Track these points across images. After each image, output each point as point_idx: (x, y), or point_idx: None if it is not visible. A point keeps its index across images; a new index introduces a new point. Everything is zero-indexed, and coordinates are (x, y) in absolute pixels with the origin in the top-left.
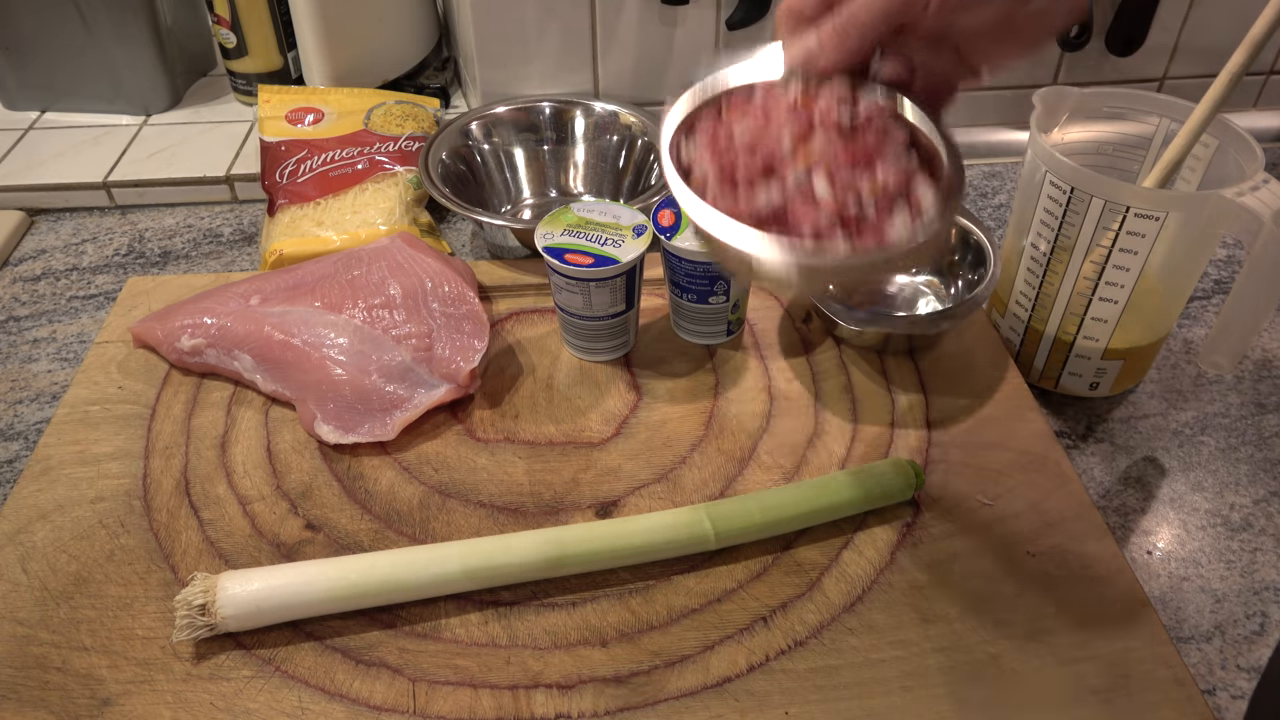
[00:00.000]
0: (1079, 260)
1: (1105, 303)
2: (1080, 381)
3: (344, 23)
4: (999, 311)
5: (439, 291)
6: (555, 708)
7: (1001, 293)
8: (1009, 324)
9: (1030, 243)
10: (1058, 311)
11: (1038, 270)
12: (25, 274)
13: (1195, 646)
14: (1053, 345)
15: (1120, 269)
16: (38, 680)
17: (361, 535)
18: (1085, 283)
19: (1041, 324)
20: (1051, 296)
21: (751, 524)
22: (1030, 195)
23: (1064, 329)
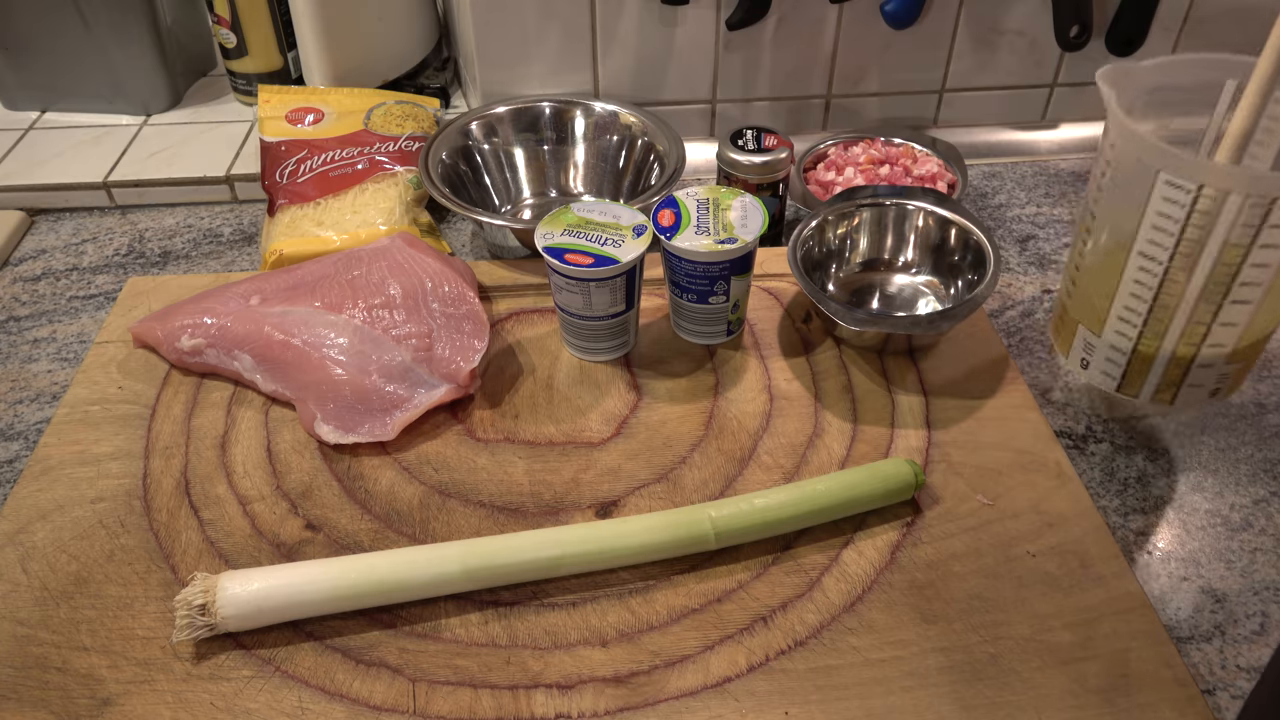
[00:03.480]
0: (1208, 264)
1: (1239, 305)
2: (1200, 392)
3: (344, 23)
4: (1093, 330)
5: (439, 291)
6: (555, 708)
7: (1083, 313)
8: (1106, 347)
9: (1140, 252)
10: (1178, 324)
11: (1151, 282)
12: (25, 274)
13: (1195, 646)
14: (1170, 361)
15: (1260, 267)
16: (38, 680)
17: (361, 535)
18: (1216, 288)
19: (1156, 339)
20: (1170, 309)
21: (751, 524)
22: (1129, 198)
23: (1186, 340)
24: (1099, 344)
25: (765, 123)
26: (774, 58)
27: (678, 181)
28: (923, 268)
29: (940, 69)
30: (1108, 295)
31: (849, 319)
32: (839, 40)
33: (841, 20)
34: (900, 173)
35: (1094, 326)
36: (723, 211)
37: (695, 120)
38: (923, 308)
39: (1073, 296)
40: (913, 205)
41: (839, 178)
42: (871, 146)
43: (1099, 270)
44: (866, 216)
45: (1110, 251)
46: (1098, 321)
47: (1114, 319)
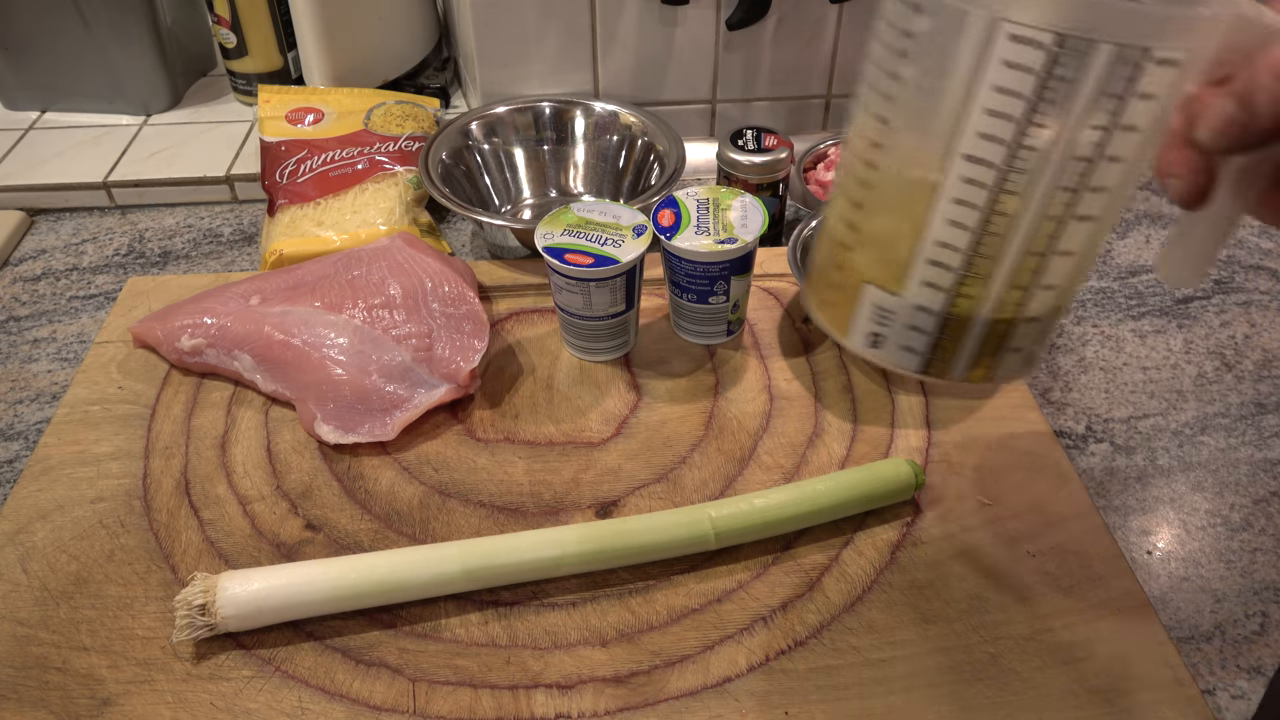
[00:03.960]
0: (1058, 160)
1: (1082, 222)
2: (1018, 358)
3: (344, 23)
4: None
5: (439, 291)
6: (555, 708)
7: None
8: (909, 311)
9: (965, 155)
10: (1009, 260)
11: (978, 200)
12: (25, 274)
13: (1195, 646)
14: (991, 320)
15: (1114, 161)
16: (38, 680)
17: (361, 535)
18: (1062, 196)
19: (979, 289)
20: (1001, 239)
21: (751, 524)
22: (944, 79)
23: (1016, 282)
24: (899, 308)
25: (765, 123)
26: (774, 58)
27: (678, 181)
28: None
29: None
30: (909, 235)
31: None
32: (839, 40)
33: (841, 20)
34: None
35: (890, 283)
36: (723, 211)
37: (695, 120)
38: None
39: (854, 247)
40: None
41: None
42: None
43: (896, 200)
44: None
45: (913, 170)
46: (895, 276)
47: (921, 268)
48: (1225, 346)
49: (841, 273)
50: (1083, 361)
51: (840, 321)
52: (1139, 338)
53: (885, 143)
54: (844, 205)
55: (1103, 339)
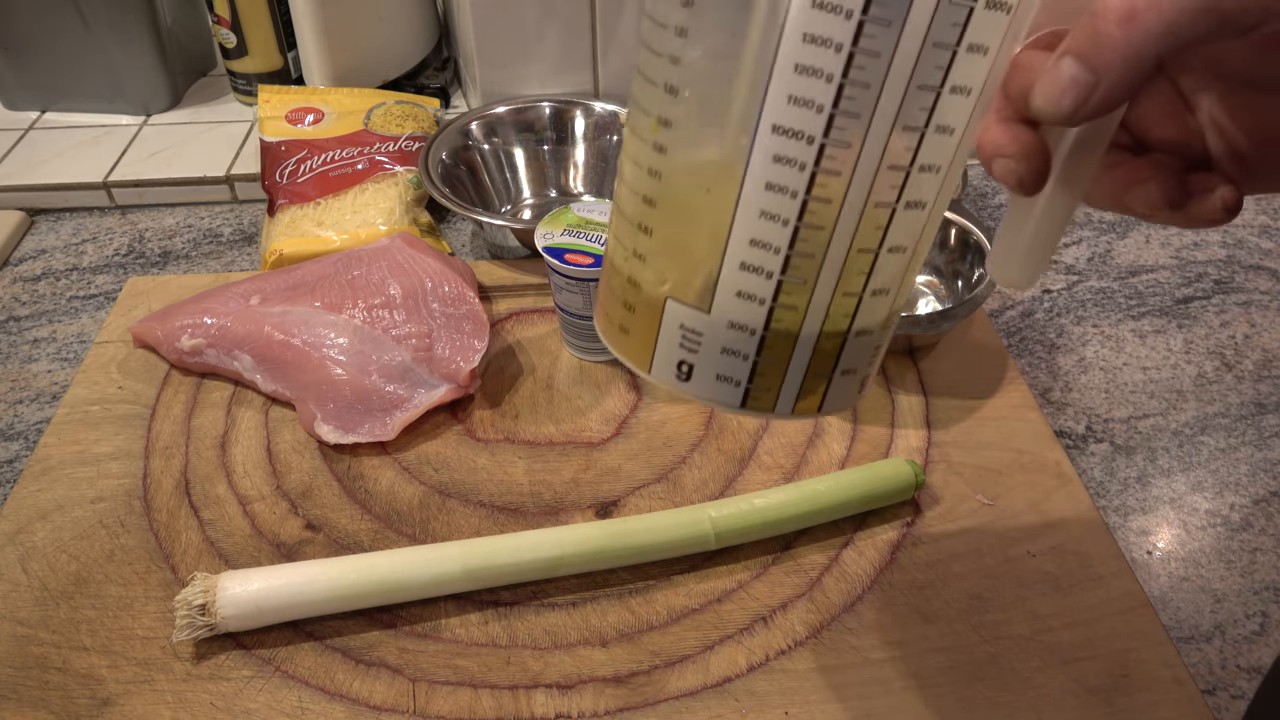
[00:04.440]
0: (881, 140)
1: (912, 209)
2: (852, 381)
3: (344, 23)
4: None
5: (439, 291)
6: (555, 708)
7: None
8: (723, 331)
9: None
10: (836, 259)
11: (794, 185)
12: (25, 274)
13: (1195, 646)
14: (820, 336)
15: (944, 131)
16: (38, 680)
17: (361, 535)
18: (889, 179)
19: (803, 298)
20: (826, 235)
21: (751, 524)
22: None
23: (845, 288)
24: (710, 327)
25: None
26: None
27: None
28: (923, 268)
29: None
30: (714, 235)
31: None
32: None
33: None
34: None
35: (697, 298)
36: None
37: None
38: (923, 308)
39: (649, 255)
40: None
41: None
42: None
43: (694, 192)
44: None
45: (711, 151)
46: (702, 288)
47: (732, 275)
48: (1225, 346)
49: (637, 291)
50: (1083, 361)
51: (641, 351)
52: (1139, 338)
53: (675, 119)
54: (632, 204)
55: (1103, 339)
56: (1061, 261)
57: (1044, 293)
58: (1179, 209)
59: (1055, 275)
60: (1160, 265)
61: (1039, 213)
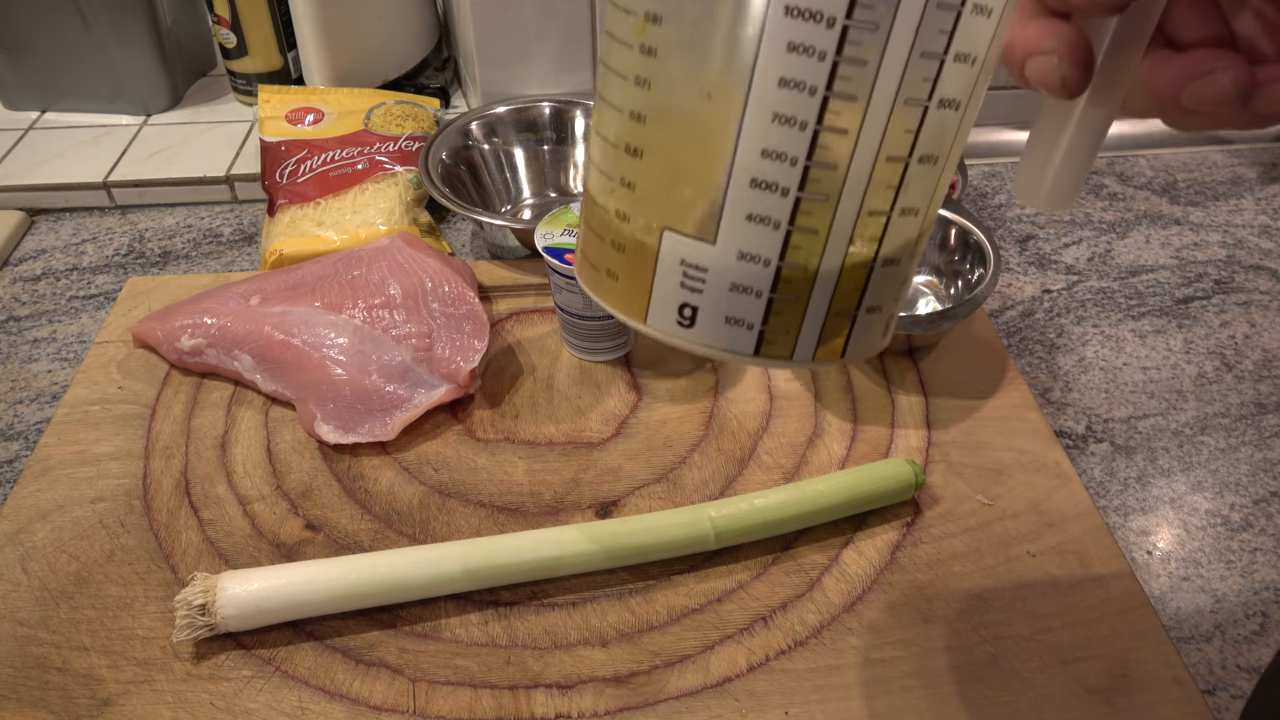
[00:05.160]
0: (890, 89)
1: (945, 108)
2: (876, 324)
3: (344, 23)
4: (702, 237)
5: (439, 291)
6: (555, 708)
7: (666, 209)
8: (731, 267)
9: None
10: (855, 193)
11: (805, 114)
12: (25, 274)
13: (1195, 646)
14: (841, 273)
15: (981, 12)
16: (38, 680)
17: (361, 535)
18: (902, 136)
19: (821, 235)
20: (842, 169)
21: (751, 524)
22: None
23: (865, 227)
24: (716, 261)
25: None
26: None
27: None
28: (922, 268)
29: None
30: (719, 149)
31: None
32: None
33: None
34: None
35: (700, 227)
36: None
37: None
38: (923, 308)
39: (641, 183)
40: None
41: None
42: None
43: (695, 99)
44: None
45: (707, 58)
46: (705, 215)
47: (742, 196)
48: (1225, 346)
49: (626, 226)
50: (1083, 361)
51: (635, 298)
52: (1139, 338)
53: (666, 12)
54: (618, 124)
55: (1103, 339)
56: (1061, 261)
57: (1044, 293)
58: (1248, 101)
59: (1055, 275)
60: (1160, 265)
61: (1075, 122)
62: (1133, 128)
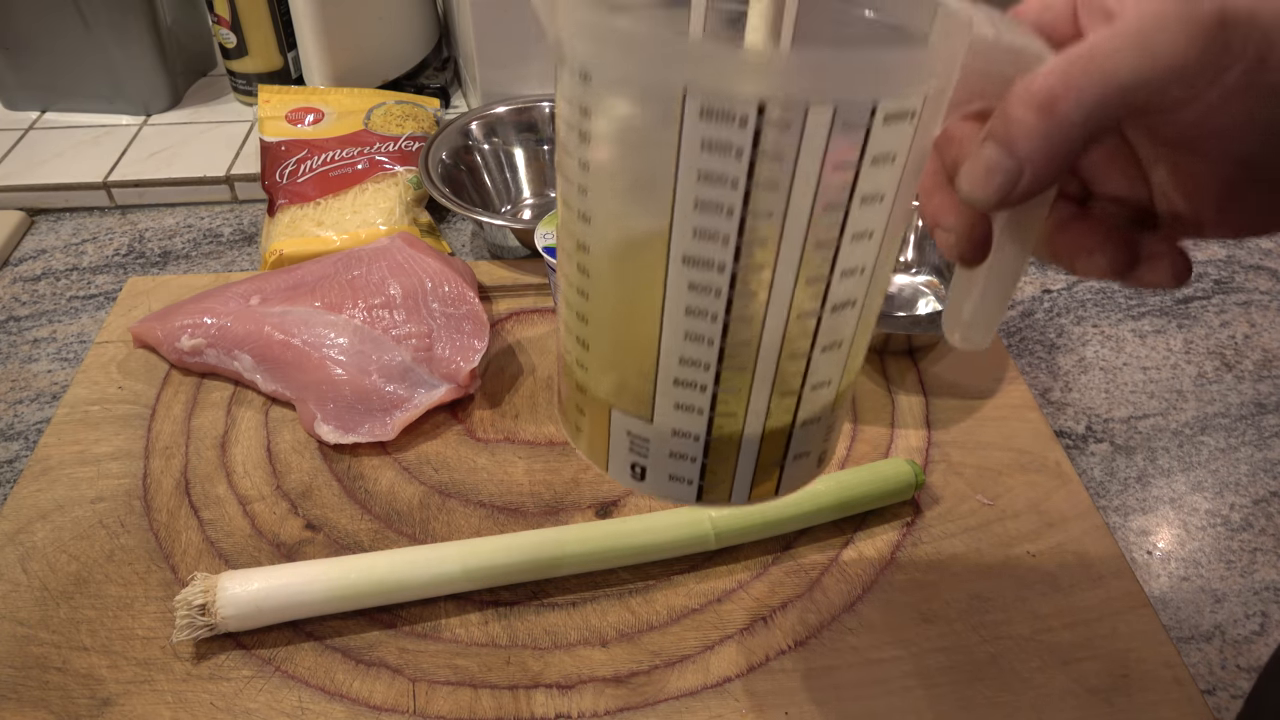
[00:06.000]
0: (798, 240)
1: (841, 311)
2: (808, 462)
3: (344, 23)
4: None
5: (439, 291)
6: (555, 708)
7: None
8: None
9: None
10: (768, 362)
11: (714, 308)
12: (25, 274)
13: (1195, 646)
14: (763, 434)
15: (862, 238)
16: (38, 680)
17: (361, 535)
18: (812, 283)
19: (741, 402)
20: (753, 343)
21: (751, 524)
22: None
23: (783, 388)
24: (654, 435)
25: None
26: None
27: None
28: (923, 268)
29: None
30: (644, 351)
31: None
32: None
33: None
34: None
35: (638, 408)
36: None
37: None
38: (923, 308)
39: (590, 367)
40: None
41: None
42: None
43: (619, 311)
44: None
45: (629, 273)
46: (641, 399)
47: (667, 390)
48: (1225, 346)
49: (584, 396)
50: (1083, 361)
51: (597, 450)
52: (1139, 338)
53: (591, 243)
54: (568, 316)
55: (1103, 339)
56: None
57: (1044, 293)
58: (1127, 277)
59: (1055, 275)
60: None
61: (984, 277)
62: None
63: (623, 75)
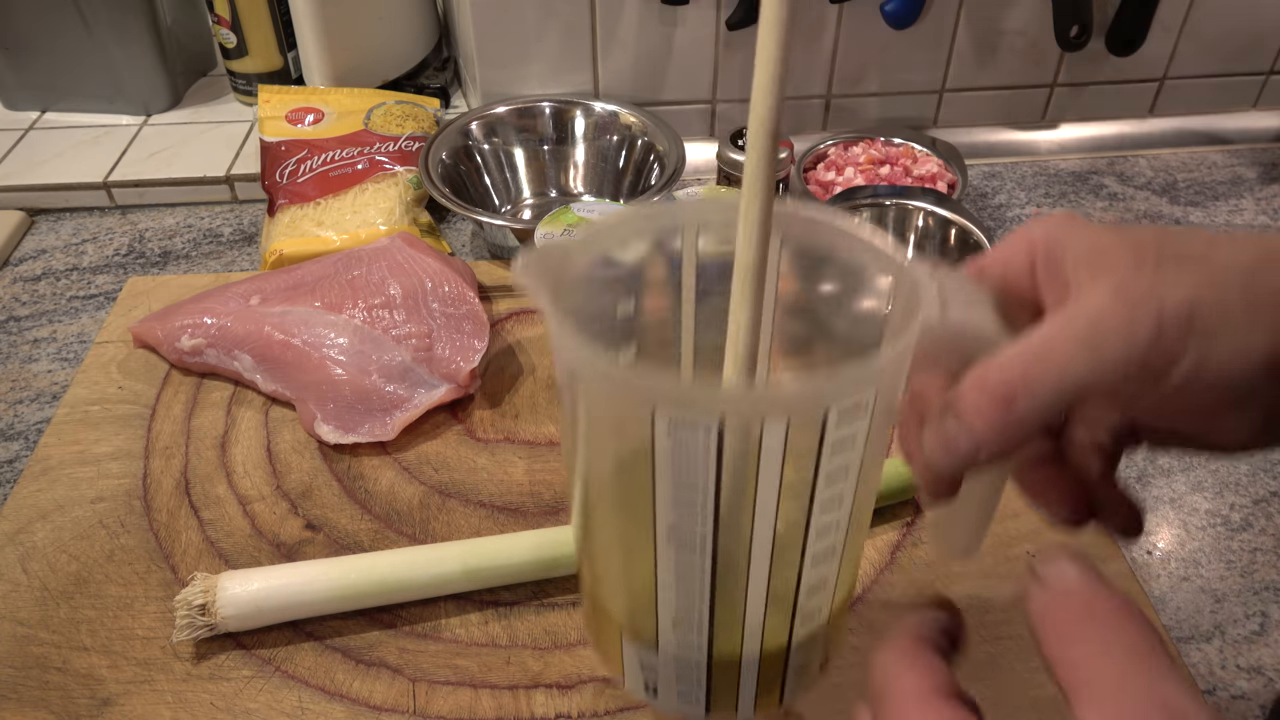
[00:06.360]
0: (769, 518)
1: (821, 563)
2: (809, 672)
3: (344, 23)
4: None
5: (439, 291)
6: (555, 708)
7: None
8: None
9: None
10: (757, 605)
11: (700, 563)
12: (25, 274)
13: (1195, 646)
14: (761, 657)
15: (832, 505)
16: (38, 680)
17: (361, 535)
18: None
19: (735, 636)
20: (739, 588)
21: None
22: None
23: (774, 621)
24: (660, 661)
25: None
26: None
27: (678, 181)
28: None
29: (940, 69)
30: (645, 591)
31: None
32: (839, 40)
33: (841, 20)
34: (900, 173)
35: (645, 636)
36: None
37: (695, 120)
38: None
39: (604, 596)
40: (913, 205)
41: (839, 178)
42: (871, 146)
43: (619, 556)
44: (866, 216)
45: (624, 527)
46: (646, 629)
47: (667, 625)
48: None
49: (602, 615)
50: None
51: (614, 663)
52: None
53: (590, 504)
54: (580, 544)
55: None
56: None
57: None
58: (1081, 527)
59: None
60: None
61: (961, 503)
62: (1133, 128)
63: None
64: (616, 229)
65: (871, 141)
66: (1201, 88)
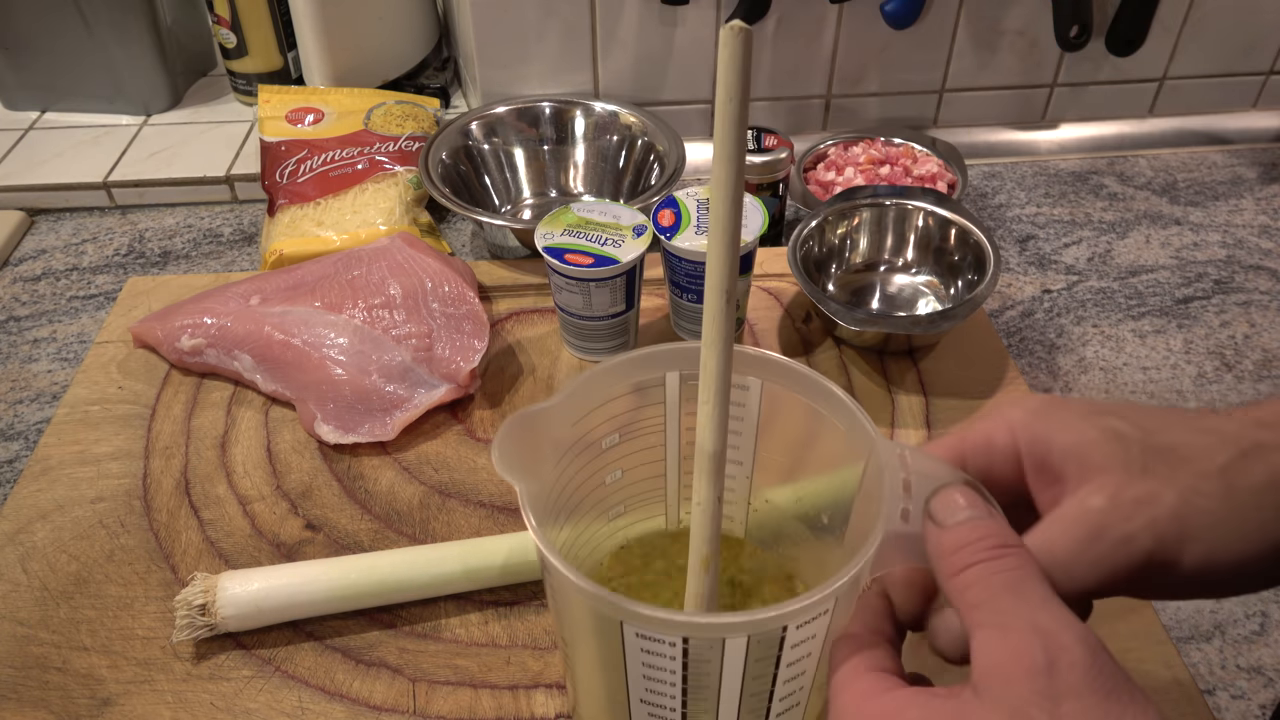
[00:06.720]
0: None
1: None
2: None
3: (344, 23)
4: None
5: (439, 291)
6: (555, 708)
7: None
8: None
9: (642, 700)
10: None
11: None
12: (25, 274)
13: (1195, 646)
14: None
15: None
16: (38, 680)
17: (361, 535)
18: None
19: None
20: None
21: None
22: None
23: None
24: None
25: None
26: (774, 58)
27: (678, 181)
28: (923, 268)
29: (940, 69)
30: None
31: (849, 319)
32: (839, 40)
33: (841, 20)
34: (900, 173)
35: None
36: None
37: (695, 120)
38: (923, 308)
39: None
40: (913, 205)
41: (839, 178)
42: (871, 146)
43: (603, 698)
44: (866, 216)
45: (608, 696)
46: None
47: None
48: (1225, 346)
49: None
50: (1083, 361)
51: None
52: (1139, 338)
53: (576, 668)
54: (566, 672)
55: (1103, 339)
56: (1061, 262)
57: (1044, 293)
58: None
59: (1055, 275)
60: (1160, 265)
61: None
62: (1133, 128)
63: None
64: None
65: (871, 141)
66: (1201, 88)
